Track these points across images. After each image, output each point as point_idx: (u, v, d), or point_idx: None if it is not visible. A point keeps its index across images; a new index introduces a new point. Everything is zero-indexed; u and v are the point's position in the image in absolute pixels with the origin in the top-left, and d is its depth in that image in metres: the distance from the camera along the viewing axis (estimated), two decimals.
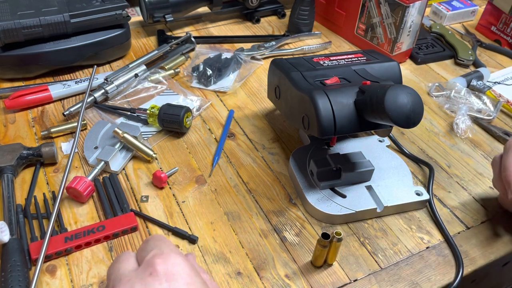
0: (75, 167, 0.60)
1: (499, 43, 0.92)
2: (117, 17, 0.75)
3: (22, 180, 0.57)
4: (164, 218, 0.54)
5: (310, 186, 0.56)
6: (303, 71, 0.57)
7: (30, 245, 0.49)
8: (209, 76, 0.75)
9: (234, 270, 0.49)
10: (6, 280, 0.43)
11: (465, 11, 0.98)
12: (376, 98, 0.46)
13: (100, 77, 0.72)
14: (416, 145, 0.67)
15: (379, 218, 0.55)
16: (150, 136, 0.65)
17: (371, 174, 0.57)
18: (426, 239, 0.53)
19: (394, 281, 0.49)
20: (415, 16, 0.77)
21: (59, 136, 0.64)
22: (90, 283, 0.47)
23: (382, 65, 0.59)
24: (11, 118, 0.67)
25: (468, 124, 0.69)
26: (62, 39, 0.73)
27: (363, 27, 0.85)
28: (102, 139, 0.63)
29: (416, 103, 0.45)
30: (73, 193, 0.54)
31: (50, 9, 0.71)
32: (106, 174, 0.59)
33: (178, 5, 0.85)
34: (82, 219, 0.53)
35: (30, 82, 0.73)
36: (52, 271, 0.48)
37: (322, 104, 0.49)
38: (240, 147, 0.64)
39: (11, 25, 0.67)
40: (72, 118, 0.67)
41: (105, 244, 0.51)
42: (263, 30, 0.92)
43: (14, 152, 0.57)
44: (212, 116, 0.70)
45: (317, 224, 0.54)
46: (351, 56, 0.62)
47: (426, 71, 0.83)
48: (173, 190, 0.57)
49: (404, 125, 0.45)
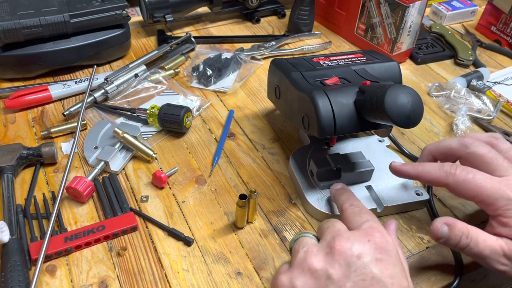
0: (75, 167, 0.60)
1: (499, 43, 0.92)
2: (117, 17, 0.75)
3: (22, 180, 0.57)
4: (164, 218, 0.54)
5: (310, 186, 0.56)
6: (303, 71, 0.57)
7: (30, 245, 0.49)
8: (209, 76, 0.75)
9: (234, 270, 0.49)
10: (6, 280, 0.43)
11: (465, 11, 0.98)
12: (376, 98, 0.46)
13: (100, 77, 0.72)
14: (416, 145, 0.67)
15: (379, 218, 0.55)
16: (150, 136, 0.65)
17: (371, 174, 0.57)
18: (426, 239, 0.53)
19: None
20: (415, 16, 0.77)
21: (59, 136, 0.64)
22: (90, 283, 0.47)
23: (382, 65, 0.59)
24: (11, 118, 0.67)
25: (467, 125, 0.69)
26: (62, 39, 0.73)
27: (363, 27, 0.85)
28: (102, 139, 0.63)
29: (416, 103, 0.45)
30: (73, 193, 0.54)
31: (50, 9, 0.71)
32: (106, 174, 0.59)
33: (178, 5, 0.85)
34: (82, 219, 0.53)
35: (30, 82, 0.73)
36: (52, 271, 0.48)
37: (322, 104, 0.49)
38: (240, 147, 0.64)
39: (11, 25, 0.67)
40: (72, 118, 0.67)
41: (105, 244, 0.51)
42: (263, 30, 0.92)
43: (14, 152, 0.57)
44: (212, 116, 0.70)
45: (317, 224, 0.54)
46: (351, 56, 0.62)
47: (426, 71, 0.83)
48: (173, 190, 0.57)
49: (404, 125, 0.45)
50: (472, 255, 0.44)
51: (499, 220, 0.44)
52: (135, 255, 0.50)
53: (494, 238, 0.43)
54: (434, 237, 0.45)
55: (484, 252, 0.43)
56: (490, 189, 0.44)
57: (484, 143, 0.48)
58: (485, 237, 0.43)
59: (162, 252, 0.50)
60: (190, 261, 0.49)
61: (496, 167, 0.46)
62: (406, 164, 0.51)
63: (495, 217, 0.45)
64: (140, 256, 0.50)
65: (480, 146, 0.48)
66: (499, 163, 0.46)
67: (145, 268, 0.49)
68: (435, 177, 0.47)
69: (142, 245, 0.51)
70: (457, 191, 0.47)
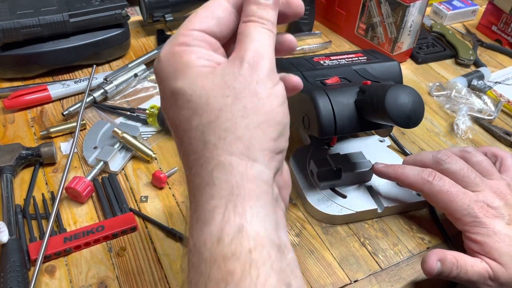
0: (74, 167, 0.59)
1: (500, 43, 0.92)
2: (117, 17, 0.75)
3: (21, 180, 0.57)
4: (163, 218, 0.54)
5: (310, 186, 0.56)
6: (303, 71, 0.56)
7: (29, 246, 0.48)
8: None
9: None
10: (5, 281, 0.43)
11: (465, 11, 0.98)
12: (376, 98, 0.46)
13: (100, 77, 0.72)
14: (417, 145, 0.67)
15: (380, 219, 0.55)
16: (149, 136, 0.65)
17: (371, 175, 0.57)
18: (427, 239, 0.53)
19: (394, 281, 0.49)
20: (415, 16, 0.77)
21: (58, 136, 0.64)
22: (89, 284, 0.46)
23: (382, 65, 0.59)
24: (10, 118, 0.67)
25: (468, 125, 0.69)
26: (61, 38, 0.72)
27: (363, 26, 0.84)
28: (101, 139, 0.62)
29: (417, 103, 0.45)
30: (72, 193, 0.54)
31: (49, 8, 0.71)
32: (106, 174, 0.58)
33: (178, 4, 0.85)
34: (81, 220, 0.53)
35: (29, 82, 0.73)
36: (51, 271, 0.48)
37: (322, 104, 0.48)
38: None
39: (10, 25, 0.66)
40: (71, 118, 0.67)
41: (104, 245, 0.50)
42: None
43: (13, 152, 0.57)
44: None
45: (317, 225, 0.54)
46: (352, 55, 0.62)
47: (426, 71, 0.83)
48: (172, 190, 0.57)
49: (404, 125, 0.45)
50: (462, 282, 0.45)
51: (467, 235, 0.46)
52: (134, 255, 0.50)
53: (479, 261, 0.45)
54: (428, 275, 0.46)
55: (472, 279, 0.44)
56: (461, 205, 0.46)
57: (458, 158, 0.50)
58: (472, 262, 0.45)
59: (162, 252, 0.50)
60: None
61: (468, 184, 0.48)
62: (389, 166, 0.53)
63: (464, 232, 0.47)
64: (140, 256, 0.50)
65: (453, 162, 0.49)
66: (471, 180, 0.48)
67: (145, 268, 0.48)
68: (412, 181, 0.50)
69: (141, 245, 0.51)
70: (430, 199, 0.49)
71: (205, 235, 0.26)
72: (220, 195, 0.26)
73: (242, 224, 0.25)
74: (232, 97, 0.28)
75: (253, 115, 0.28)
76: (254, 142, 0.27)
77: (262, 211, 0.26)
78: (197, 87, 0.28)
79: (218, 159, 0.27)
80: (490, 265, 0.44)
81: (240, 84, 0.28)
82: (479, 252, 0.45)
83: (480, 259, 0.45)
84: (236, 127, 0.27)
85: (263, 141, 0.28)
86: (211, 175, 0.27)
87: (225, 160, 0.27)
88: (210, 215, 0.26)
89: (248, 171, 0.27)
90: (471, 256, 0.45)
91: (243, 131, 0.27)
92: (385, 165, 0.53)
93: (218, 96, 0.28)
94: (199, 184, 0.27)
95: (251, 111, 0.28)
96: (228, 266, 0.24)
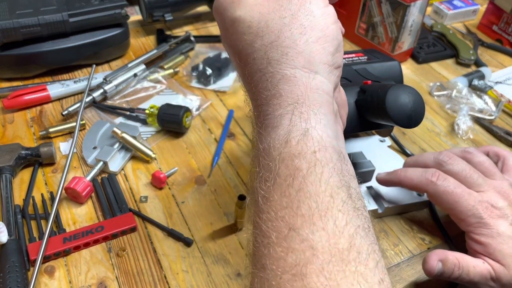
0: (73, 167, 0.59)
1: (501, 43, 0.92)
2: (116, 16, 0.75)
3: (20, 181, 0.57)
4: (163, 218, 0.53)
5: None
6: None
7: (28, 246, 0.48)
8: (209, 75, 0.74)
9: (234, 271, 0.48)
10: (5, 281, 0.43)
11: (466, 11, 0.98)
12: (377, 98, 0.45)
13: (99, 77, 0.72)
14: (417, 145, 0.66)
15: (380, 219, 0.55)
16: (149, 136, 0.65)
17: (372, 175, 0.57)
18: (428, 239, 0.53)
19: (395, 282, 0.49)
20: (416, 15, 0.77)
21: (57, 136, 0.64)
22: (88, 284, 0.46)
23: (383, 65, 0.59)
24: (10, 118, 0.66)
25: (469, 125, 0.69)
26: (60, 38, 0.72)
27: (364, 26, 0.84)
28: (101, 139, 0.62)
29: (418, 103, 0.45)
30: (72, 193, 0.54)
31: (49, 8, 0.71)
32: (105, 174, 0.58)
33: (178, 4, 0.85)
34: (80, 220, 0.53)
35: (28, 81, 0.73)
36: (51, 272, 0.47)
37: None
38: (240, 147, 0.64)
39: (10, 25, 0.66)
40: (71, 118, 0.66)
41: (104, 245, 0.50)
42: None
43: (12, 152, 0.57)
44: (211, 116, 0.69)
45: None
46: (352, 55, 0.62)
47: (427, 71, 0.83)
48: (172, 190, 0.57)
49: (405, 125, 0.45)
50: (463, 283, 0.45)
51: (471, 236, 0.46)
52: (134, 256, 0.49)
53: (481, 262, 0.44)
54: (429, 275, 0.46)
55: (474, 279, 0.44)
56: (466, 206, 0.46)
57: (460, 159, 0.50)
58: (474, 263, 0.45)
59: (161, 253, 0.50)
60: (190, 262, 0.49)
61: (471, 184, 0.48)
62: (391, 173, 0.52)
63: (467, 233, 0.47)
64: (139, 257, 0.49)
65: (455, 163, 0.49)
66: (473, 180, 0.48)
67: (144, 269, 0.48)
68: (416, 183, 0.49)
69: (141, 246, 0.50)
70: (435, 200, 0.49)
71: (273, 138, 0.29)
72: (287, 103, 0.29)
73: (307, 128, 0.28)
74: (289, 18, 0.31)
75: (311, 32, 0.31)
76: (314, 55, 0.31)
77: (325, 118, 0.29)
78: (255, 13, 0.31)
79: (282, 73, 0.30)
80: (493, 266, 0.44)
81: (294, 5, 0.31)
82: (482, 253, 0.45)
83: (482, 260, 0.45)
84: (296, 43, 0.30)
85: (322, 55, 0.31)
86: (277, 87, 0.30)
87: (289, 73, 0.30)
88: (278, 121, 0.29)
89: (311, 82, 0.30)
90: (473, 257, 0.45)
91: (303, 46, 0.30)
92: (386, 173, 0.53)
93: (275, 19, 0.31)
94: (266, 97, 0.30)
95: (308, 28, 0.31)
96: (295, 163, 0.27)
